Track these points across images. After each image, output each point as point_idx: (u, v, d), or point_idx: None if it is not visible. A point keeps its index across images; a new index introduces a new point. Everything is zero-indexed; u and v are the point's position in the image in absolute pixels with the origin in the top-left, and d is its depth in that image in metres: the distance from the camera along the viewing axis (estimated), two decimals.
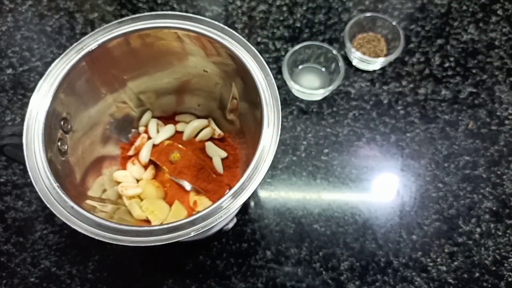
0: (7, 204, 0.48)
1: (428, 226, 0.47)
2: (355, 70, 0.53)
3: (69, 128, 0.37)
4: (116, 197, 0.42)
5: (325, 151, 0.50)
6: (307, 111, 0.52)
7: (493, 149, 0.50)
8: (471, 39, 0.55)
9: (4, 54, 0.55)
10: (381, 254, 0.46)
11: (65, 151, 0.36)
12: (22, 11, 0.57)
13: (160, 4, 0.57)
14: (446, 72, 0.53)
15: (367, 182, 0.49)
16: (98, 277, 0.45)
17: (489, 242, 0.46)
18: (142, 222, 0.41)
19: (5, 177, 0.49)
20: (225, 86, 0.40)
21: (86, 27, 0.56)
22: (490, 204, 0.48)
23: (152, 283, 0.45)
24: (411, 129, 0.51)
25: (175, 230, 0.30)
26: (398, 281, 0.45)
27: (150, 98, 0.44)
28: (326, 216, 0.47)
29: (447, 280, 0.45)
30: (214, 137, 0.45)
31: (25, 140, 0.32)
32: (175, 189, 0.43)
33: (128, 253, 0.46)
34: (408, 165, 0.49)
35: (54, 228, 0.47)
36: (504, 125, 0.51)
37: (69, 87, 0.35)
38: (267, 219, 0.47)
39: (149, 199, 0.41)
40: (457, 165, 0.49)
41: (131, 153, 0.45)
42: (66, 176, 0.35)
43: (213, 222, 0.30)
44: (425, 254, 0.46)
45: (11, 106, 0.52)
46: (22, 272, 0.46)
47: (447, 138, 0.50)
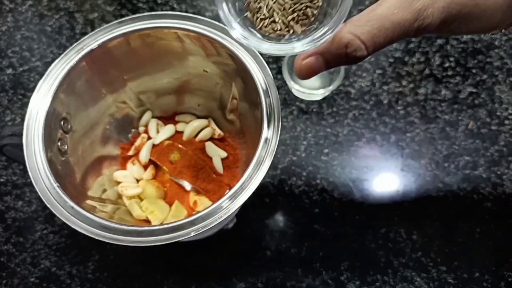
0: (7, 204, 0.48)
1: (428, 226, 0.47)
2: (355, 70, 0.53)
3: (69, 128, 0.37)
4: (116, 197, 0.42)
5: (325, 151, 0.50)
6: (307, 111, 0.52)
7: (493, 149, 0.50)
8: (471, 39, 0.55)
9: (4, 54, 0.55)
10: (381, 254, 0.46)
11: (65, 151, 0.36)
12: (22, 11, 0.57)
13: (160, 4, 0.57)
14: (446, 72, 0.53)
15: (367, 182, 0.49)
16: (98, 277, 0.45)
17: (489, 242, 0.46)
18: (142, 222, 0.41)
19: (5, 177, 0.49)
20: (225, 86, 0.40)
21: (86, 27, 0.56)
22: (490, 204, 0.48)
23: (152, 283, 0.45)
24: (411, 129, 0.51)
25: (175, 230, 0.30)
26: (398, 281, 0.45)
27: (150, 98, 0.44)
28: (326, 216, 0.47)
29: (447, 280, 0.45)
30: (214, 137, 0.45)
31: (25, 140, 0.32)
32: (175, 189, 0.43)
33: (128, 253, 0.46)
34: (408, 165, 0.49)
35: (54, 228, 0.47)
36: (504, 125, 0.51)
37: (69, 87, 0.35)
38: (267, 219, 0.47)
39: (149, 199, 0.42)
40: (457, 165, 0.49)
41: (131, 153, 0.45)
42: (66, 176, 0.35)
43: (213, 222, 0.30)
44: (425, 254, 0.46)
45: (11, 106, 0.52)
46: (22, 272, 0.46)
47: (447, 138, 0.50)
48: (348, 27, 0.20)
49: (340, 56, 0.21)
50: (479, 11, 0.21)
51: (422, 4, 0.20)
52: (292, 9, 0.22)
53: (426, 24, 0.21)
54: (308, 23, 0.22)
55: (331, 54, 0.21)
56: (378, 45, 0.21)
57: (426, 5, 0.20)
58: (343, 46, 0.20)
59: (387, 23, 0.20)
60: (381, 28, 0.20)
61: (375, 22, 0.20)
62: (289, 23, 0.22)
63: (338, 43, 0.21)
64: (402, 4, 0.20)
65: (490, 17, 0.21)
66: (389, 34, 0.20)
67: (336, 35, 0.20)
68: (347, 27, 0.20)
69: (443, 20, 0.21)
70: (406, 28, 0.20)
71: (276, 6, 0.22)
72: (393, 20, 0.20)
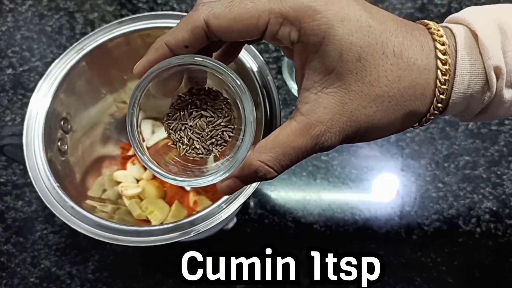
0: (7, 204, 0.48)
1: (428, 226, 0.47)
2: None
3: (69, 128, 0.37)
4: (116, 197, 0.42)
5: None
6: None
7: (493, 149, 0.50)
8: None
9: (4, 54, 0.55)
10: (381, 254, 0.46)
11: (65, 151, 0.36)
12: (22, 11, 0.57)
13: (160, 4, 0.57)
14: None
15: (367, 182, 0.49)
16: (98, 277, 0.45)
17: (489, 242, 0.46)
18: (142, 222, 0.41)
19: (5, 177, 0.49)
20: None
21: (86, 27, 0.56)
22: (490, 204, 0.48)
23: (152, 283, 0.45)
24: (411, 129, 0.51)
25: (175, 230, 0.30)
26: (398, 281, 0.45)
27: (149, 99, 0.44)
28: (326, 216, 0.47)
29: (447, 280, 0.45)
30: None
31: (25, 140, 0.32)
32: (175, 189, 0.43)
33: (128, 253, 0.46)
34: (408, 165, 0.49)
35: (54, 228, 0.47)
36: (504, 125, 0.51)
37: (69, 87, 0.35)
38: (267, 219, 0.47)
39: (149, 199, 0.42)
40: (457, 165, 0.49)
41: (131, 153, 0.45)
42: (66, 176, 0.35)
43: (213, 222, 0.30)
44: (425, 254, 0.46)
45: (11, 106, 0.52)
46: (22, 272, 0.46)
47: (447, 138, 0.50)
48: (256, 154, 0.23)
49: (253, 178, 0.23)
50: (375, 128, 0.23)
51: (319, 130, 0.22)
52: (210, 136, 0.25)
53: (327, 146, 0.23)
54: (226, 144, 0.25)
55: (245, 177, 0.23)
56: (285, 167, 0.23)
57: (323, 131, 0.22)
58: (253, 172, 0.23)
59: (289, 150, 0.22)
60: (285, 154, 0.22)
61: (279, 149, 0.22)
62: (209, 147, 0.25)
63: (248, 169, 0.23)
64: (301, 132, 0.22)
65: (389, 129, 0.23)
66: (293, 158, 0.23)
67: (245, 161, 0.23)
68: (255, 153, 0.23)
69: (343, 140, 0.23)
70: (309, 151, 0.23)
71: (194, 136, 0.25)
72: (294, 147, 0.22)
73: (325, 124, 0.22)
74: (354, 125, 0.22)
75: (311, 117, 0.22)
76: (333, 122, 0.22)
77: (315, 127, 0.22)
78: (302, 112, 0.22)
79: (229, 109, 0.25)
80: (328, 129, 0.22)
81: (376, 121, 0.23)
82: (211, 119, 0.25)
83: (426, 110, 0.23)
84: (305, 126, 0.22)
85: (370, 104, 0.22)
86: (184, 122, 0.25)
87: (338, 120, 0.22)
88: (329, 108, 0.22)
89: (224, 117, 0.25)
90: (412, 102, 0.23)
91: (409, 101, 0.22)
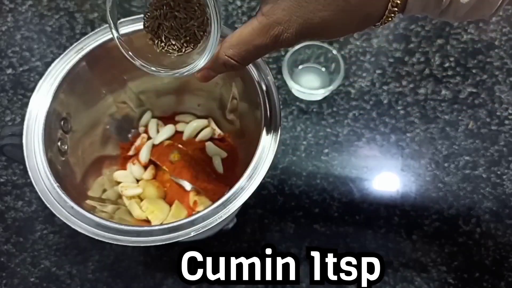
0: (7, 204, 0.48)
1: (428, 226, 0.47)
2: (355, 70, 0.53)
3: (69, 128, 0.37)
4: (116, 197, 0.42)
5: (325, 151, 0.50)
6: (307, 111, 0.52)
7: (493, 149, 0.50)
8: (471, 39, 0.55)
9: (4, 54, 0.55)
10: (381, 254, 0.46)
11: (65, 151, 0.36)
12: (22, 11, 0.57)
13: None
14: (446, 72, 0.53)
15: (367, 182, 0.49)
16: (98, 277, 0.45)
17: (489, 242, 0.46)
18: (142, 222, 0.41)
19: (5, 177, 0.49)
20: (225, 86, 0.40)
21: (86, 27, 0.56)
22: (490, 204, 0.48)
23: (152, 283, 0.45)
24: (411, 129, 0.51)
25: (175, 230, 0.30)
26: (398, 281, 0.45)
27: (150, 98, 0.44)
28: (326, 216, 0.47)
29: (447, 280, 0.45)
30: (214, 137, 0.45)
31: (25, 140, 0.32)
32: (175, 189, 0.43)
33: (128, 253, 0.46)
34: (408, 165, 0.49)
35: (54, 228, 0.47)
36: (504, 125, 0.51)
37: (69, 87, 0.35)
38: (267, 219, 0.47)
39: (149, 199, 0.41)
40: (457, 165, 0.49)
41: (131, 153, 0.45)
42: (66, 176, 0.35)
43: (213, 222, 0.30)
44: (425, 254, 0.46)
45: (11, 106, 0.52)
46: (22, 272, 0.46)
47: (447, 138, 0.50)
48: (223, 50, 0.26)
49: (222, 68, 0.27)
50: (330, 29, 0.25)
51: (277, 31, 0.25)
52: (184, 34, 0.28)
53: (285, 44, 0.26)
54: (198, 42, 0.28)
55: (216, 68, 0.28)
56: (248, 61, 0.27)
57: (281, 31, 0.25)
58: (221, 64, 0.27)
59: (251, 47, 0.26)
60: (247, 50, 0.26)
61: (243, 45, 0.26)
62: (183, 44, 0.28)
63: (216, 62, 0.27)
64: (261, 32, 0.25)
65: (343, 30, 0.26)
66: (255, 54, 0.26)
67: (215, 55, 0.27)
68: (222, 49, 0.26)
69: (299, 39, 0.26)
70: (269, 48, 0.26)
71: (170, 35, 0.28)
72: (255, 45, 0.25)
73: (282, 25, 0.25)
74: (310, 26, 0.25)
75: (270, 18, 0.25)
76: (290, 24, 0.24)
77: (274, 28, 0.25)
78: (263, 12, 0.25)
79: (202, 10, 0.27)
80: (286, 30, 0.25)
81: (331, 23, 0.24)
82: (184, 20, 0.27)
83: (382, 12, 0.24)
84: (265, 27, 0.25)
85: (325, 8, 0.24)
86: (161, 21, 0.28)
87: (295, 21, 0.24)
88: (286, 10, 0.24)
89: (197, 18, 0.27)
90: (367, 5, 0.24)
91: (363, 4, 0.24)
